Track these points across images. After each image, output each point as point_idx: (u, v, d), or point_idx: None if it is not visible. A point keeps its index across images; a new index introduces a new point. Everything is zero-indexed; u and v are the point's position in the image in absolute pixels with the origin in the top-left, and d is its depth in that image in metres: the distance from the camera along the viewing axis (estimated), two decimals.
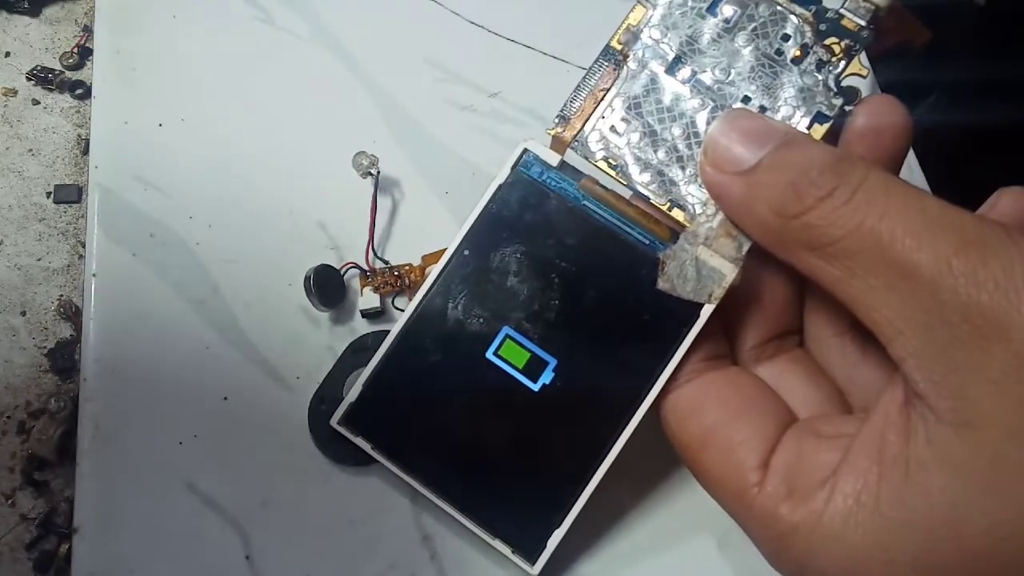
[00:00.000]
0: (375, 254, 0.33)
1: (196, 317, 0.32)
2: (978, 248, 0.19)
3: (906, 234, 0.19)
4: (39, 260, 0.34)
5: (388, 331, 0.27)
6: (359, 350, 0.31)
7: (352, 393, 0.27)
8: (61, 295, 0.34)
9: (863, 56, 0.25)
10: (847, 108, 0.25)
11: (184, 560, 0.29)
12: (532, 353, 0.26)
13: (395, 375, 0.27)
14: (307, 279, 0.31)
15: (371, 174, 0.33)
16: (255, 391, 0.31)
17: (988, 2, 0.48)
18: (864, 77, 0.25)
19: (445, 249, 0.27)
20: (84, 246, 0.34)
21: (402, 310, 0.27)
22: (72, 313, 0.33)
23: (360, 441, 0.27)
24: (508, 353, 0.26)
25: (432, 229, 0.34)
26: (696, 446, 0.24)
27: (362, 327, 0.32)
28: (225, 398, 0.31)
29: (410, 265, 0.33)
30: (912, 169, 0.37)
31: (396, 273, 0.32)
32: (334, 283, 0.32)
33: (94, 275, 0.32)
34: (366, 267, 0.32)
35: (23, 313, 0.33)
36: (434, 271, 0.27)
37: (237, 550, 0.29)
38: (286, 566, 0.29)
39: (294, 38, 0.37)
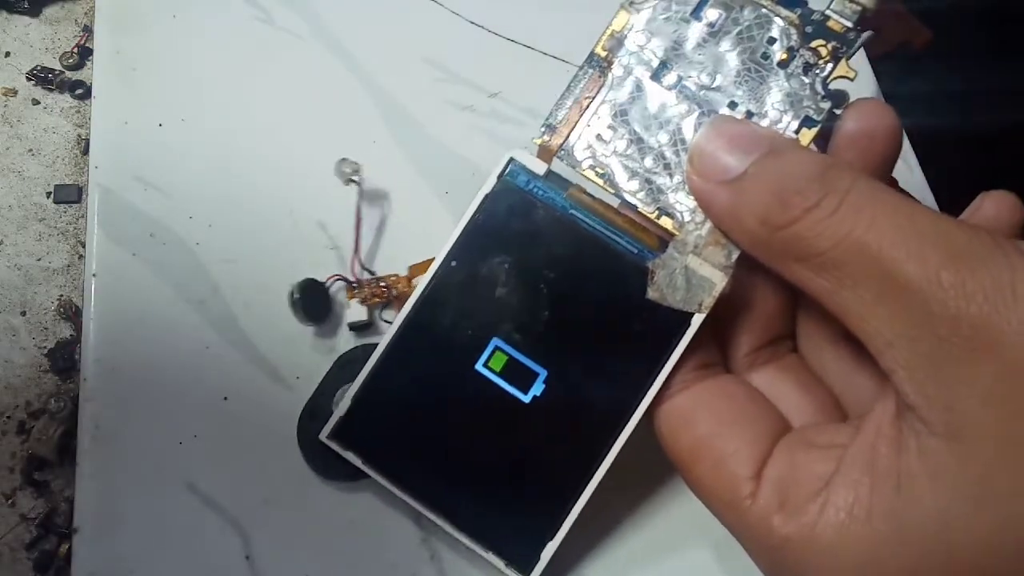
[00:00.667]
0: (361, 265, 0.32)
1: (196, 317, 0.32)
2: (967, 259, 0.18)
3: (894, 245, 0.19)
4: (39, 260, 0.34)
5: (376, 344, 0.27)
6: (347, 363, 0.31)
7: (341, 407, 0.27)
8: (61, 295, 0.34)
9: (859, 56, 0.25)
10: (835, 111, 0.24)
11: (184, 560, 0.29)
12: (522, 364, 0.26)
13: (384, 388, 0.27)
14: (291, 294, 0.30)
15: (354, 181, 0.32)
16: (255, 391, 0.31)
17: (988, 3, 0.48)
18: (851, 79, 0.25)
19: (432, 259, 0.27)
20: (84, 246, 0.34)
21: (390, 323, 0.27)
22: (72, 313, 0.33)
23: (350, 455, 0.27)
24: (497, 365, 0.26)
25: (432, 229, 0.34)
26: (689, 457, 0.24)
27: (346, 333, 0.32)
28: (225, 398, 0.31)
29: (396, 275, 0.32)
30: (912, 169, 0.37)
31: (383, 284, 0.32)
32: (320, 297, 0.31)
33: (94, 275, 0.32)
34: (352, 278, 0.32)
35: (23, 313, 0.33)
36: (421, 283, 0.27)
37: (237, 550, 0.29)
38: (286, 566, 0.29)
39: (294, 38, 0.37)
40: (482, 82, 0.37)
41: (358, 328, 0.32)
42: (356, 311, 0.32)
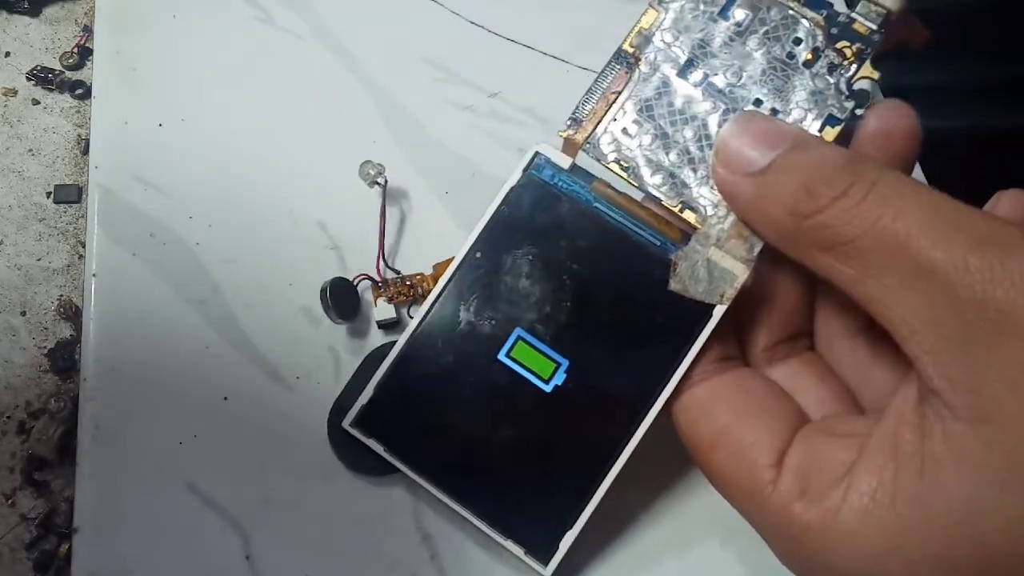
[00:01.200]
0: (386, 264, 0.33)
1: (196, 317, 0.32)
2: (994, 246, 0.19)
3: (921, 232, 0.19)
4: (39, 260, 0.34)
5: None
6: (377, 359, 0.30)
7: (364, 395, 0.27)
8: (61, 295, 0.34)
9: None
10: (858, 111, 0.25)
11: (184, 560, 0.29)
12: (544, 355, 0.26)
13: (407, 377, 0.27)
14: (323, 291, 0.30)
15: (378, 183, 0.33)
16: (255, 391, 0.31)
17: (989, 2, 0.48)
18: (875, 80, 0.25)
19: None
20: (84, 246, 0.34)
21: None
22: (72, 313, 0.33)
23: (373, 443, 0.27)
24: (520, 355, 0.26)
25: (432, 229, 0.34)
26: (707, 447, 0.24)
27: (374, 331, 0.32)
28: (225, 398, 0.31)
29: (422, 275, 0.32)
30: (912, 169, 0.37)
31: (408, 283, 0.32)
32: (349, 295, 0.32)
33: (94, 275, 0.32)
34: (377, 278, 0.32)
35: (23, 313, 0.33)
36: (446, 273, 0.27)
37: (237, 550, 0.29)
38: (286, 566, 0.29)
39: (294, 38, 0.37)
40: (482, 82, 0.37)
41: (387, 326, 0.32)
42: (383, 309, 0.32)
